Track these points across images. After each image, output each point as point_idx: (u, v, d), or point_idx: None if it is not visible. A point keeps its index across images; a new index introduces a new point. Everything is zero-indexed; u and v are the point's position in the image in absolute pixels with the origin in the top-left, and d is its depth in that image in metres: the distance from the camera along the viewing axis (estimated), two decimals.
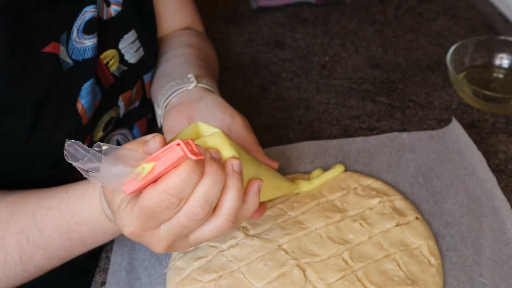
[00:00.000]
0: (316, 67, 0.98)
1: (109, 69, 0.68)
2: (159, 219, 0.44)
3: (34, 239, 0.55)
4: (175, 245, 0.47)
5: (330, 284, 0.58)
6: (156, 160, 0.41)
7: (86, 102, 0.63)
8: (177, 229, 0.45)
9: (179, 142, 0.40)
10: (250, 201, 0.48)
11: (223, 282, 0.59)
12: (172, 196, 0.42)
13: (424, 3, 1.15)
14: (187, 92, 0.66)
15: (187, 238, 0.47)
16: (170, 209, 0.43)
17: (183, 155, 0.40)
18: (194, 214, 0.43)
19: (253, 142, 0.62)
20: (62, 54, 0.60)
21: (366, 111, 0.87)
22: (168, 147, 0.41)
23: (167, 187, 0.41)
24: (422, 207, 0.69)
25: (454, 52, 0.89)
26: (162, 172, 0.41)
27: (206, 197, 0.43)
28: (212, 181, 0.43)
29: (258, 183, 0.49)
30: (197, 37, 0.82)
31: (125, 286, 0.62)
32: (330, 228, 0.64)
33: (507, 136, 0.80)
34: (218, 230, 0.46)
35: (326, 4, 1.16)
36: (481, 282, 0.60)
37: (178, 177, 0.41)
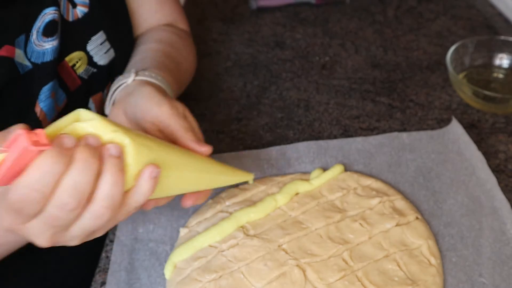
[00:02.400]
0: (316, 67, 0.98)
1: (76, 72, 0.67)
2: (29, 213, 0.42)
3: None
4: (58, 237, 0.46)
5: (330, 284, 0.58)
6: (7, 151, 0.39)
7: (46, 105, 0.62)
8: (52, 221, 0.43)
9: (21, 132, 0.39)
10: (140, 187, 0.46)
11: (223, 282, 0.59)
12: (33, 190, 0.40)
13: (424, 3, 1.16)
14: (126, 87, 0.64)
15: (68, 231, 0.45)
16: (36, 203, 0.41)
17: (25, 146, 0.39)
18: (64, 204, 0.42)
19: (182, 129, 0.58)
20: (18, 57, 0.59)
21: (366, 111, 0.87)
22: (14, 137, 0.40)
23: (28, 181, 0.40)
24: (422, 207, 0.69)
25: (454, 52, 0.89)
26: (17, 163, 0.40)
27: (75, 185, 0.42)
28: (81, 168, 0.42)
29: (150, 169, 0.46)
30: (171, 33, 0.80)
31: (125, 286, 0.62)
32: (330, 228, 0.64)
33: (507, 136, 0.80)
34: (97, 217, 0.44)
35: (326, 4, 1.16)
36: (481, 282, 0.60)
37: (38, 170, 0.40)
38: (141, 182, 0.46)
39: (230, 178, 0.62)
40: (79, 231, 0.45)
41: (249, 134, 0.84)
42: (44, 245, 0.45)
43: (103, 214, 0.44)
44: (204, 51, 1.02)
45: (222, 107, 0.90)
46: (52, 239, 0.45)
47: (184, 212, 0.69)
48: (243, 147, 0.81)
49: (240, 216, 0.65)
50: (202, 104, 0.90)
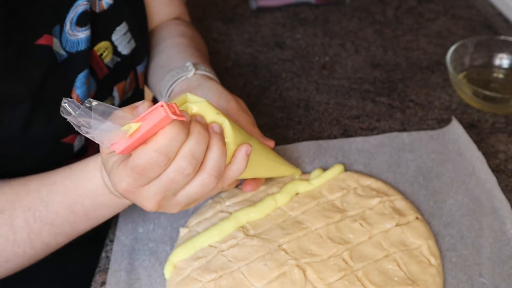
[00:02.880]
0: (316, 67, 0.98)
1: (103, 61, 0.69)
2: (149, 176, 0.47)
3: (40, 215, 0.57)
4: (165, 203, 0.51)
5: (330, 284, 0.58)
6: (142, 121, 0.45)
7: (82, 92, 0.64)
8: (167, 184, 0.48)
9: (163, 104, 0.44)
10: (237, 163, 0.52)
11: (223, 282, 0.59)
12: (161, 154, 0.46)
13: (424, 3, 1.16)
14: (187, 80, 0.68)
15: (175, 196, 0.51)
16: (160, 166, 0.46)
17: (166, 116, 0.44)
18: (182, 169, 0.47)
19: (249, 123, 0.66)
20: (55, 46, 0.61)
21: (366, 111, 0.87)
22: (153, 109, 0.45)
23: (157, 146, 0.45)
24: (422, 207, 0.69)
25: (454, 52, 0.89)
26: (148, 131, 0.45)
27: (193, 152, 0.47)
28: (197, 139, 0.47)
29: (246, 147, 0.53)
30: (186, 27, 0.84)
31: (125, 286, 0.62)
32: (330, 228, 0.64)
33: (507, 136, 0.80)
34: (204, 185, 0.50)
35: (326, 4, 1.16)
36: (481, 282, 0.60)
37: (165, 137, 0.45)
38: (238, 158, 0.53)
39: (287, 168, 0.68)
40: (184, 197, 0.51)
41: None
42: (151, 209, 0.50)
43: (210, 182, 0.50)
44: None
45: None
46: (159, 204, 0.50)
47: (184, 212, 0.69)
48: None
49: (240, 216, 0.65)
50: None
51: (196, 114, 0.51)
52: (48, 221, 0.57)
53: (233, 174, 0.53)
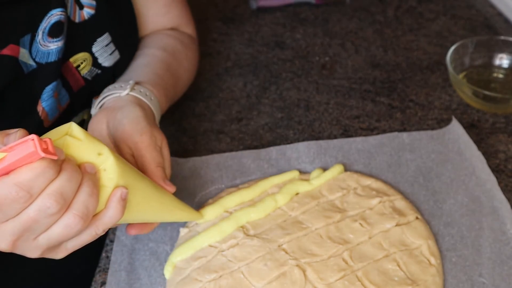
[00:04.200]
0: (316, 67, 0.98)
1: (80, 72, 0.67)
2: (5, 213, 0.43)
3: None
4: (22, 244, 0.46)
5: (330, 284, 0.58)
6: (9, 151, 0.41)
7: (48, 105, 0.62)
8: (26, 224, 0.43)
9: (34, 137, 0.41)
10: (111, 208, 0.48)
11: (223, 282, 0.59)
12: (22, 190, 0.41)
13: (424, 3, 1.15)
14: (117, 99, 0.64)
15: (35, 239, 0.46)
16: (18, 203, 0.42)
17: (34, 151, 0.40)
18: (46, 207, 0.43)
19: (153, 163, 0.59)
20: (23, 56, 0.59)
21: (366, 111, 0.87)
22: (23, 141, 0.41)
23: (18, 180, 0.41)
24: (422, 207, 0.69)
25: (454, 52, 0.89)
26: (14, 163, 0.41)
27: (62, 191, 0.43)
28: (69, 177, 0.43)
29: (121, 190, 0.48)
30: (176, 39, 0.80)
31: (125, 286, 0.62)
32: (330, 228, 0.64)
33: (507, 136, 0.80)
34: (68, 226, 0.45)
35: (326, 4, 1.16)
36: (481, 282, 0.60)
37: (31, 172, 0.41)
38: (112, 202, 0.48)
39: (184, 214, 0.62)
40: (45, 240, 0.46)
41: (249, 134, 0.84)
42: (4, 249, 0.45)
43: (74, 223, 0.45)
44: (204, 51, 1.02)
45: (222, 107, 0.90)
46: (14, 245, 0.45)
47: None
48: (243, 147, 0.81)
49: (240, 216, 0.65)
50: (202, 104, 0.90)
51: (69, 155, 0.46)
52: None
53: (109, 220, 0.48)
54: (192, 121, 0.86)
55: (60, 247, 0.48)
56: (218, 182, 0.73)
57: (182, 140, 0.83)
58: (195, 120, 0.86)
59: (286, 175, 0.71)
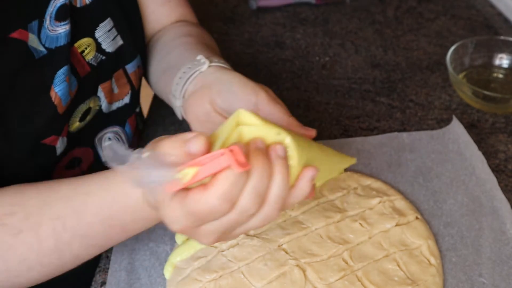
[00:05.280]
0: (316, 67, 0.98)
1: (85, 58, 0.66)
2: (208, 220, 0.44)
3: (72, 226, 0.53)
4: (223, 237, 0.48)
5: (330, 284, 0.58)
6: (200, 166, 0.41)
7: (61, 90, 0.61)
8: (228, 225, 0.45)
9: (225, 152, 0.40)
10: (300, 189, 0.47)
11: (223, 282, 0.59)
12: (225, 201, 0.42)
13: (424, 3, 1.16)
14: (202, 75, 0.62)
15: (234, 231, 0.47)
16: (221, 212, 0.43)
17: (229, 166, 0.40)
18: (246, 210, 0.44)
19: (284, 115, 0.57)
20: (32, 42, 0.59)
21: (366, 111, 0.87)
22: (213, 155, 0.41)
23: (219, 193, 0.42)
24: (422, 207, 0.69)
25: (454, 52, 0.89)
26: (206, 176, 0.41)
27: (257, 191, 0.43)
28: (261, 175, 0.43)
29: (312, 172, 0.47)
30: (192, 26, 0.80)
31: (125, 286, 0.62)
32: (330, 228, 0.64)
33: (507, 136, 0.81)
34: (266, 219, 0.46)
35: (326, 4, 1.16)
36: (481, 282, 0.60)
37: (227, 182, 0.42)
38: (301, 183, 0.47)
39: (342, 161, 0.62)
40: (241, 231, 0.47)
41: None
42: (208, 244, 0.47)
43: (273, 215, 0.46)
44: None
45: None
46: (217, 240, 0.47)
47: None
48: None
49: None
50: None
51: (257, 139, 0.45)
52: (81, 232, 0.54)
53: (294, 199, 0.48)
54: None
55: None
56: None
57: None
58: None
59: None
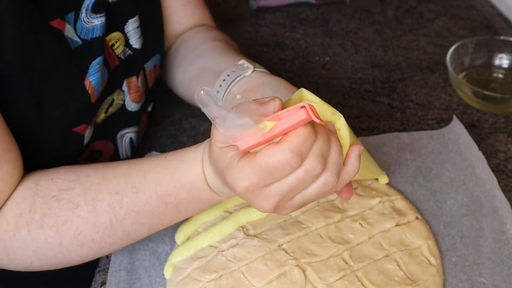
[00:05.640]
0: (316, 67, 0.98)
1: (115, 51, 0.68)
2: (276, 176, 0.46)
3: (128, 201, 0.55)
4: (282, 205, 0.49)
5: (330, 284, 0.58)
6: (278, 120, 0.44)
7: (95, 79, 0.63)
8: (293, 185, 0.46)
9: (305, 105, 0.43)
10: (351, 164, 0.50)
11: (223, 282, 0.59)
12: (296, 154, 0.44)
13: (424, 3, 1.16)
14: (247, 79, 0.65)
15: (293, 199, 0.49)
16: (292, 167, 0.45)
17: (307, 117, 0.43)
18: (312, 168, 0.46)
19: None
20: (68, 32, 0.61)
21: (366, 111, 0.87)
22: (291, 109, 0.43)
23: (292, 146, 0.44)
24: (422, 207, 0.69)
25: (454, 52, 0.89)
26: (280, 132, 0.44)
27: (322, 152, 0.46)
28: (324, 139, 0.46)
29: (359, 148, 0.51)
30: (216, 31, 0.82)
31: (125, 286, 0.62)
32: (330, 228, 0.64)
33: (507, 136, 0.81)
34: (326, 184, 0.48)
35: (326, 4, 1.16)
36: (481, 282, 0.60)
37: (300, 137, 0.44)
38: (351, 159, 0.50)
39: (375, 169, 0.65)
40: (300, 201, 0.49)
41: None
42: (268, 210, 0.48)
43: (331, 180, 0.48)
44: None
45: None
46: (276, 206, 0.48)
47: None
48: None
49: (240, 216, 0.65)
50: None
51: None
52: (136, 209, 0.55)
53: (347, 176, 0.50)
54: (192, 121, 0.86)
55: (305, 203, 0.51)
56: None
57: (182, 140, 0.83)
58: (195, 120, 0.86)
59: None
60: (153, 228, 0.58)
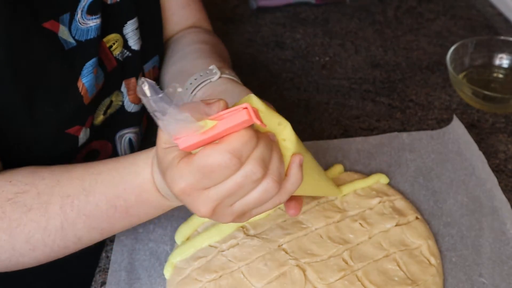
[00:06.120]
0: (316, 67, 0.98)
1: (112, 53, 0.68)
2: (214, 179, 0.44)
3: (79, 205, 0.54)
4: (220, 210, 0.47)
5: (330, 284, 0.58)
6: (220, 119, 0.43)
7: (88, 81, 0.63)
8: (231, 189, 0.45)
9: (247, 106, 0.42)
10: (293, 174, 0.49)
11: (223, 282, 0.59)
12: (234, 157, 0.43)
13: (424, 3, 1.16)
14: (212, 85, 0.65)
15: (232, 206, 0.47)
16: (230, 170, 0.44)
17: (249, 119, 0.42)
18: (252, 173, 0.44)
19: None
20: (62, 33, 0.61)
21: (366, 111, 0.87)
22: (234, 109, 0.42)
23: (231, 147, 0.43)
24: (422, 207, 0.69)
25: (454, 52, 0.89)
26: (221, 133, 0.43)
27: (263, 157, 0.45)
28: (267, 144, 0.45)
29: (299, 157, 0.49)
30: (207, 34, 0.82)
31: (125, 286, 0.62)
32: (330, 228, 0.64)
33: (507, 136, 0.81)
34: (266, 191, 0.46)
35: (326, 4, 1.16)
36: (481, 282, 0.60)
37: (241, 139, 0.43)
38: (293, 169, 0.49)
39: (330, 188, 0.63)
40: (240, 207, 0.47)
41: None
42: (205, 215, 0.47)
43: (272, 187, 0.46)
44: None
45: None
46: (213, 211, 0.47)
47: (184, 212, 0.69)
48: None
49: None
50: None
51: None
52: (86, 212, 0.55)
53: (291, 186, 0.49)
54: None
55: (247, 213, 0.49)
56: None
57: None
58: None
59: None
60: (105, 232, 0.58)
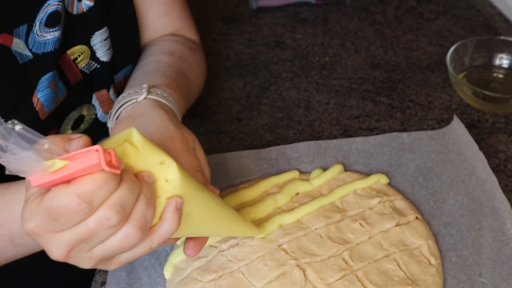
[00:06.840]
0: (316, 67, 0.98)
1: (77, 65, 0.66)
2: (63, 223, 0.41)
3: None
4: (76, 255, 0.44)
5: (330, 284, 0.58)
6: (71, 160, 0.39)
7: (44, 95, 0.61)
8: (84, 234, 0.41)
9: (98, 149, 0.39)
10: (166, 219, 0.45)
11: (223, 282, 0.59)
12: (83, 201, 0.39)
13: (424, 3, 1.16)
14: (135, 105, 0.61)
15: (90, 251, 0.44)
16: (78, 214, 0.40)
17: (97, 163, 0.38)
18: (106, 219, 0.41)
19: (191, 168, 0.56)
20: (17, 46, 0.59)
21: (366, 111, 0.87)
22: (86, 151, 0.39)
23: (80, 191, 0.39)
24: (422, 207, 0.69)
25: (454, 52, 0.89)
26: (74, 174, 0.39)
27: (123, 203, 0.41)
28: (130, 187, 0.42)
29: (176, 200, 0.45)
30: (182, 44, 0.78)
31: (125, 286, 0.62)
32: (330, 228, 0.64)
33: (507, 136, 0.81)
34: (127, 237, 0.43)
35: (326, 4, 1.16)
36: (481, 282, 0.60)
37: (93, 183, 0.39)
38: (167, 213, 0.45)
39: (243, 229, 0.59)
40: (100, 253, 0.44)
41: (249, 134, 0.84)
42: (57, 259, 0.43)
43: (133, 234, 0.43)
44: (204, 51, 1.02)
45: (222, 107, 0.90)
46: (67, 255, 0.43)
47: None
48: (243, 147, 0.81)
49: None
50: (202, 104, 0.90)
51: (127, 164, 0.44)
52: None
53: (164, 232, 0.45)
54: (192, 121, 0.86)
55: (113, 259, 0.46)
56: (218, 182, 0.73)
57: None
58: (195, 120, 0.86)
59: (286, 175, 0.71)
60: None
